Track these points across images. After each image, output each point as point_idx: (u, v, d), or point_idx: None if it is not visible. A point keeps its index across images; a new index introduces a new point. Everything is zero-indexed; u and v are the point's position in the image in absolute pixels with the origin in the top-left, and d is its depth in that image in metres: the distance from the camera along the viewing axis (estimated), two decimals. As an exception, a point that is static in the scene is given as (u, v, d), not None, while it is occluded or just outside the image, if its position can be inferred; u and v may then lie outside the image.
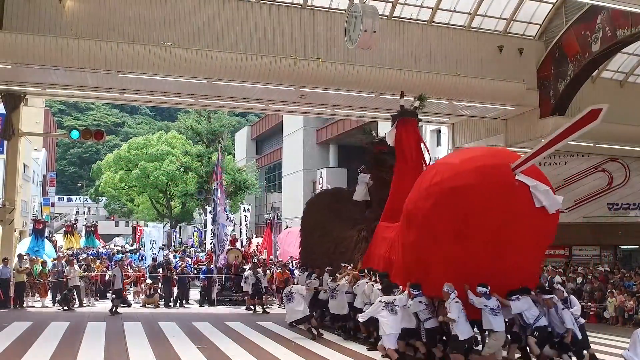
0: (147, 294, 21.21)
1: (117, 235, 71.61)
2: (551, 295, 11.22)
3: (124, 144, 65.60)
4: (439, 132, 33.06)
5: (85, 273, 21.41)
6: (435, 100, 20.64)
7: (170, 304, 21.28)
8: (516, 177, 10.39)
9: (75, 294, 19.85)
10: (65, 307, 19.10)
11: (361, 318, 12.16)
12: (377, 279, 12.67)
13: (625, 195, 26.75)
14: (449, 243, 10.60)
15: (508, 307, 10.69)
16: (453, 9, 20.43)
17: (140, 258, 29.30)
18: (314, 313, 15.21)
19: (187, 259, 27.53)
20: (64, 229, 42.11)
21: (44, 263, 21.15)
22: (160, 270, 22.59)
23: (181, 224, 66.24)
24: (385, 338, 11.30)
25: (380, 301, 11.55)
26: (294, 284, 15.98)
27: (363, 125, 39.59)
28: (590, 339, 15.63)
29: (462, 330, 10.45)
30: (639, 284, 19.13)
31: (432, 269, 11.11)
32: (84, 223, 47.75)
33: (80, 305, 20.00)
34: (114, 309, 18.59)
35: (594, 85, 22.90)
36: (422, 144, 15.06)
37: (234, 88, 19.01)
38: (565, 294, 12.03)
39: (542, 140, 21.91)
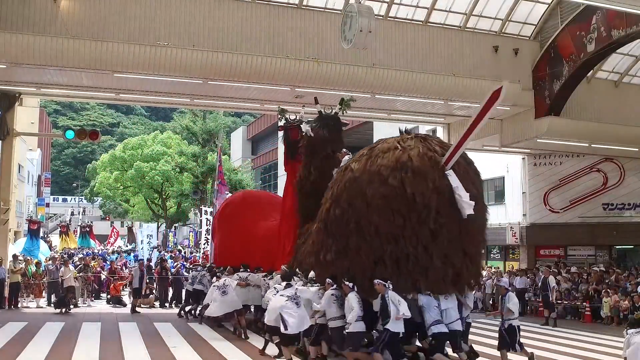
0: (143, 294, 21.15)
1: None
2: None
3: (119, 144, 65.43)
4: (434, 132, 33.05)
5: (81, 274, 21.38)
6: (431, 101, 20.67)
7: (165, 304, 21.26)
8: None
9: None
10: (62, 310, 18.87)
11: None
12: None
13: (620, 196, 26.82)
14: None
15: None
16: (448, 9, 20.40)
17: (136, 259, 29.25)
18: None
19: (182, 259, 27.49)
20: (59, 229, 42.00)
21: (38, 264, 21.09)
22: (155, 269, 22.54)
23: (177, 225, 66.12)
24: None
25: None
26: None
27: (358, 126, 39.64)
28: (585, 339, 15.78)
29: None
30: (634, 284, 19.19)
31: None
32: (79, 223, 47.64)
33: (75, 305, 19.94)
34: (134, 308, 19.41)
35: (589, 86, 22.93)
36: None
37: (230, 88, 18.98)
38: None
39: (538, 140, 22.21)
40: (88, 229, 42.55)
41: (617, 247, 27.45)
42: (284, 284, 11.79)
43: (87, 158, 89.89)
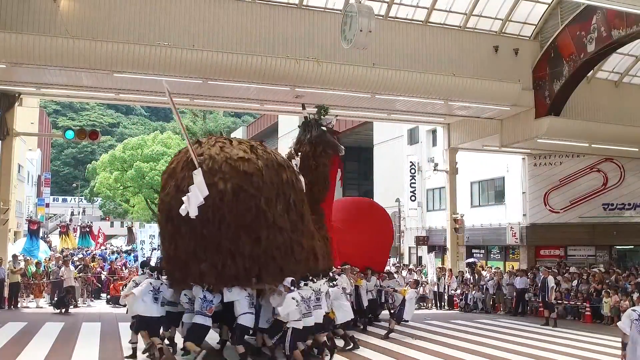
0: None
1: (113, 236, 71.35)
2: None
3: (119, 144, 65.39)
4: (434, 132, 33.12)
5: (81, 274, 21.37)
6: (431, 101, 20.65)
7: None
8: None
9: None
10: (61, 310, 18.79)
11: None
12: None
13: (620, 196, 26.86)
14: None
15: None
16: (449, 9, 20.40)
17: (136, 259, 29.23)
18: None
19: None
20: (59, 229, 41.97)
21: (38, 264, 21.08)
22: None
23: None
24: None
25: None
26: None
27: (358, 126, 39.65)
28: (585, 339, 15.78)
29: None
30: (634, 284, 19.17)
31: None
32: (79, 223, 47.57)
33: (75, 306, 19.93)
34: None
35: (589, 86, 22.93)
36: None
37: (230, 88, 18.96)
38: None
39: (538, 140, 22.21)
40: (88, 229, 42.51)
41: (617, 247, 27.48)
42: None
43: (87, 158, 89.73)
